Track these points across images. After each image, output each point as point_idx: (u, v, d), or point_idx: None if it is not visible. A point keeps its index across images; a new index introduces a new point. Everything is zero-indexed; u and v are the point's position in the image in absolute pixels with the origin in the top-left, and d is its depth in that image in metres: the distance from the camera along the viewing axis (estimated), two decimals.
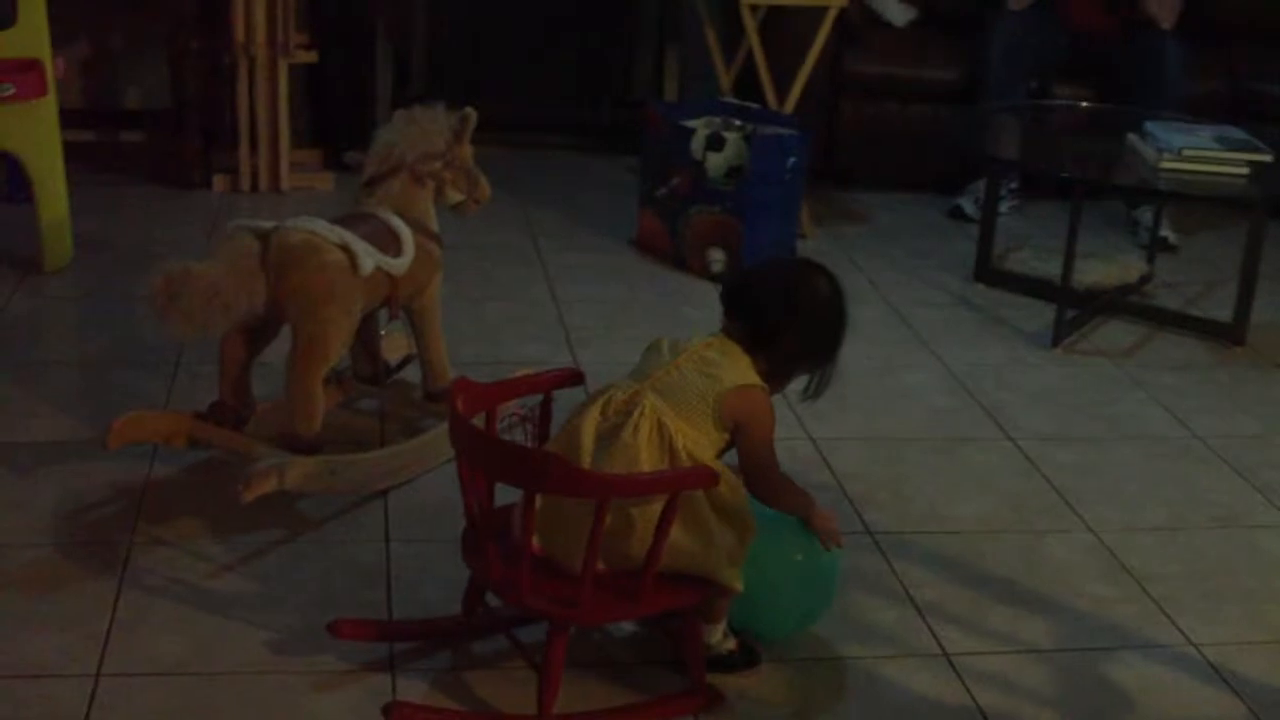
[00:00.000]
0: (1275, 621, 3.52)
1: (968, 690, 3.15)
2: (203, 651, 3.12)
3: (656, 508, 2.79)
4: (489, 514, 2.96)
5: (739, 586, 2.91)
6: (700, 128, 5.47)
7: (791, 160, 5.43)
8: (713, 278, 5.42)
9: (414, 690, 3.02)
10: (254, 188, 6.10)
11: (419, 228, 3.87)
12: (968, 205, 6.34)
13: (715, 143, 5.38)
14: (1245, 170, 5.08)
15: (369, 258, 3.67)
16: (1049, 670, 3.27)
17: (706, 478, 2.81)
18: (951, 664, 3.24)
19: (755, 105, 5.79)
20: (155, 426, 3.77)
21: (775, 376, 3.01)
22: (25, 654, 3.08)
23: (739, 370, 2.93)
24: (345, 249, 3.64)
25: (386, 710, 2.87)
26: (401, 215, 3.84)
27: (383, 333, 4.11)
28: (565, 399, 3.25)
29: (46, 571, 3.39)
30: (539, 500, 2.79)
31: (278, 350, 3.74)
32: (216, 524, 3.60)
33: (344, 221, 3.75)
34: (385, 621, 3.23)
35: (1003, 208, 6.20)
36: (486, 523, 2.94)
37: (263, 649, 3.14)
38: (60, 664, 3.05)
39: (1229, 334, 5.21)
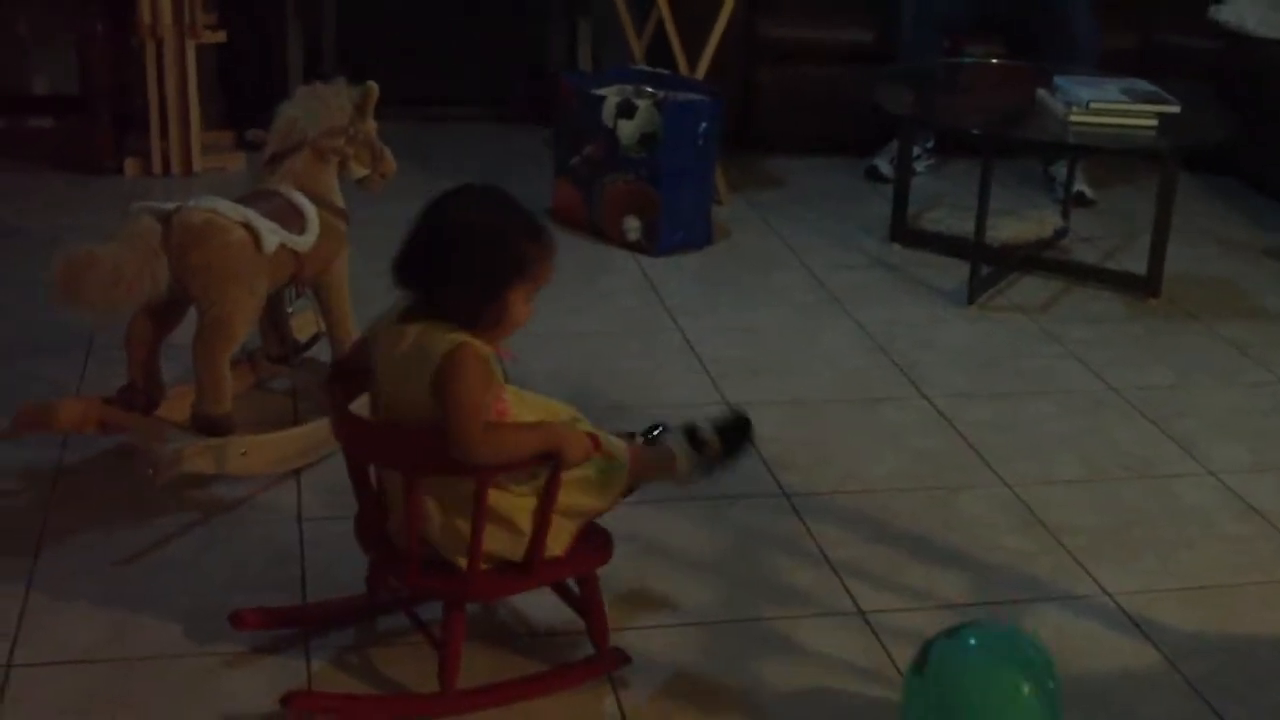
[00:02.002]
0: (1190, 569, 3.56)
1: (884, 647, 3.17)
2: (116, 637, 3.09)
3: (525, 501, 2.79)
4: (376, 498, 2.94)
5: (606, 503, 2.93)
6: (611, 96, 5.45)
7: (704, 126, 5.41)
8: (630, 246, 5.41)
9: (327, 668, 3.01)
10: (166, 171, 6.03)
11: (323, 203, 3.84)
12: (883, 166, 6.35)
13: (626, 110, 5.36)
14: (1154, 122, 5.10)
15: (272, 235, 3.64)
16: None
17: (582, 450, 2.78)
18: (867, 621, 3.26)
19: (667, 72, 5.77)
20: (64, 414, 3.72)
21: (471, 322, 2.73)
22: None
23: (436, 339, 2.72)
24: (248, 227, 3.61)
25: (285, 700, 2.85)
26: (305, 191, 3.81)
27: (290, 311, 4.08)
28: None
29: None
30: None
31: (188, 332, 3.70)
32: (129, 509, 3.57)
33: (247, 200, 3.71)
34: (286, 609, 3.20)
35: (918, 167, 6.22)
36: (374, 506, 2.92)
37: (177, 633, 3.12)
38: None
39: (1144, 286, 5.24)
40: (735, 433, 3.14)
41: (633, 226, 5.43)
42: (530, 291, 2.78)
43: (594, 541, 2.96)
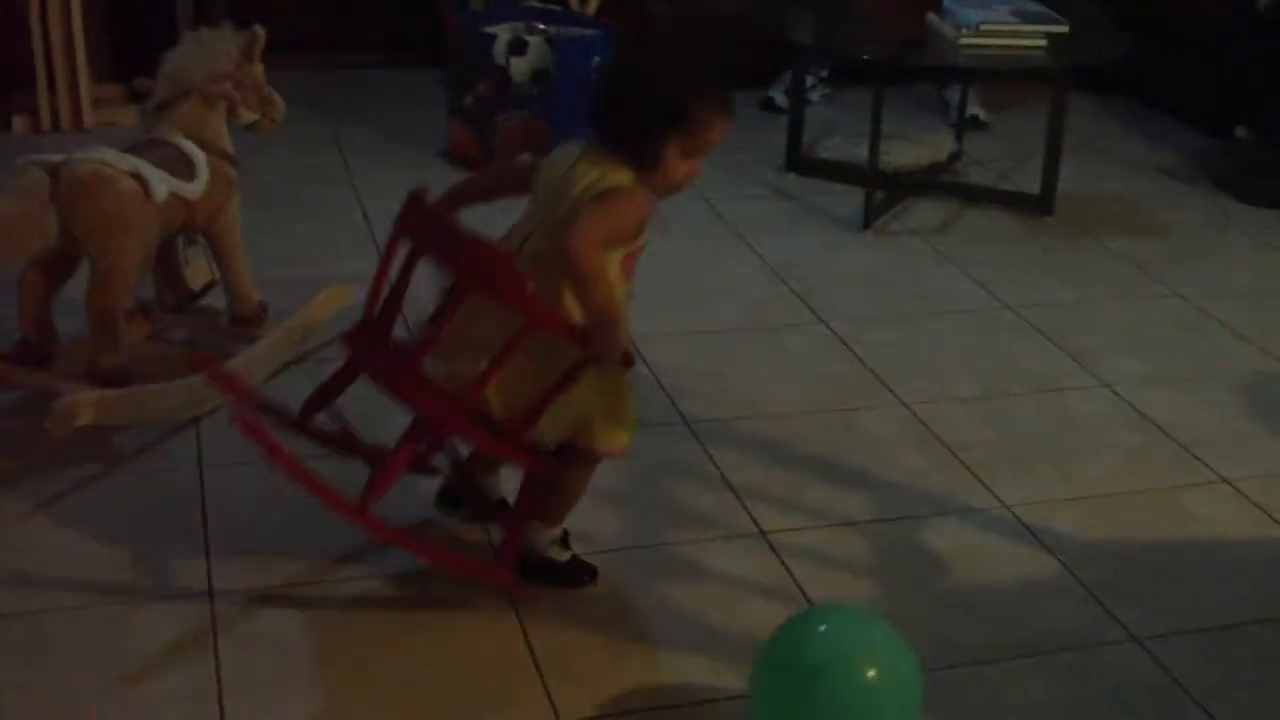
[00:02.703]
0: (1086, 480, 3.61)
1: (785, 566, 3.20)
2: (22, 591, 3.08)
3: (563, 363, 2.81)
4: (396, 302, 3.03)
5: (619, 445, 2.95)
6: (502, 33, 5.44)
7: (597, 61, 5.41)
8: None
9: (232, 610, 3.01)
10: (55, 126, 5.96)
11: (212, 150, 3.82)
12: (778, 96, 6.36)
13: (518, 48, 5.35)
14: (1043, 42, 5.15)
15: (162, 183, 3.62)
16: (866, 542, 3.33)
17: (622, 345, 2.79)
18: (769, 541, 3.29)
19: (558, 9, 5.76)
20: None
21: (631, 158, 2.82)
22: None
23: (609, 177, 2.81)
24: (137, 176, 3.58)
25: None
26: (193, 138, 3.79)
27: (182, 257, 4.06)
28: None
29: None
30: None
31: (80, 286, 3.67)
32: (29, 464, 3.54)
33: (136, 149, 3.69)
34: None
35: (814, 96, 6.24)
36: (394, 307, 3.02)
37: (83, 583, 3.10)
38: None
39: (1037, 205, 5.30)
40: (574, 568, 3.18)
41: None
42: (690, 150, 2.81)
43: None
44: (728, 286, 4.65)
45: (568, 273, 2.74)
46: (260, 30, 3.89)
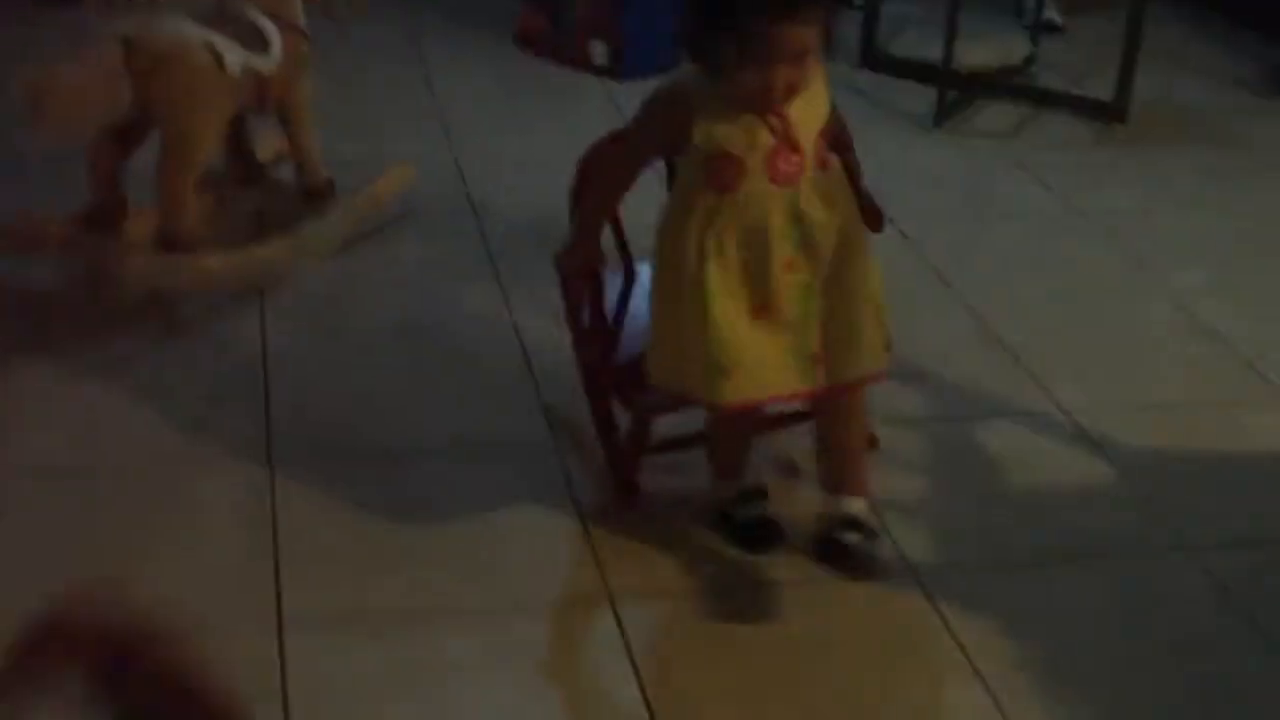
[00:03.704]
0: (1144, 389, 3.60)
1: None
2: (83, 450, 3.14)
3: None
4: None
5: (713, 396, 2.77)
6: None
7: None
8: (596, 70, 5.38)
9: (292, 478, 3.05)
10: None
11: (286, 25, 3.83)
12: None
13: None
14: None
15: (235, 56, 3.64)
16: (921, 440, 3.34)
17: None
18: None
19: None
20: (29, 232, 3.74)
21: (713, 74, 2.63)
22: None
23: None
24: (211, 49, 3.60)
25: None
26: (268, 13, 3.80)
27: (253, 130, 4.08)
28: None
29: None
30: None
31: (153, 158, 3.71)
32: (94, 327, 3.60)
33: (211, 21, 3.69)
34: None
35: None
36: None
37: (143, 445, 3.16)
38: None
39: (1111, 112, 5.24)
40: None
41: (600, 51, 5.40)
42: (752, 55, 2.55)
43: None
44: None
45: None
46: None
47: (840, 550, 2.89)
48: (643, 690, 2.57)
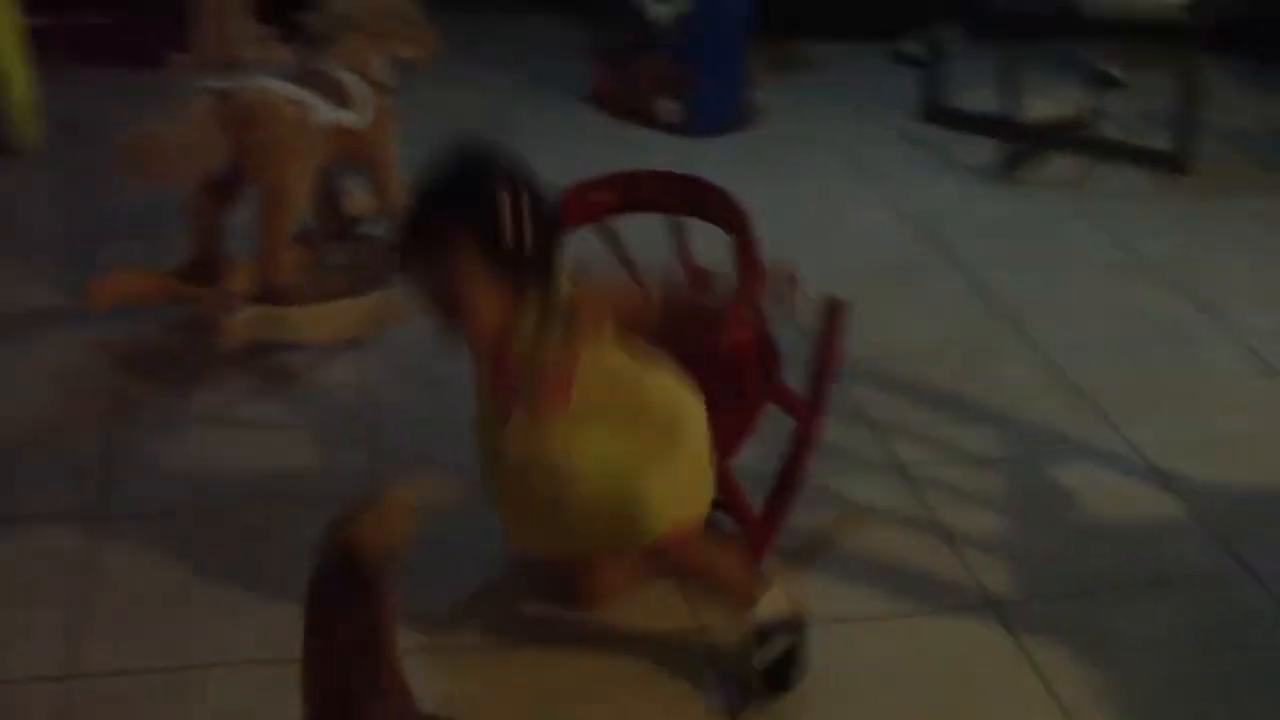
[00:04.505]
0: (1214, 426, 3.70)
1: (917, 496, 3.33)
2: (196, 490, 3.27)
3: None
4: None
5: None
6: None
7: (737, 7, 5.51)
8: (668, 128, 5.52)
9: None
10: (215, 63, 6.11)
11: (372, 82, 3.98)
12: (913, 48, 6.42)
13: None
14: (1180, 1, 5.18)
15: (324, 112, 3.79)
16: (998, 476, 3.44)
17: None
18: (904, 473, 3.41)
19: None
20: (135, 286, 3.90)
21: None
22: (28, 500, 3.26)
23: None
24: (300, 104, 3.75)
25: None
26: (354, 71, 3.94)
27: (344, 184, 4.23)
28: None
29: (46, 425, 3.55)
30: None
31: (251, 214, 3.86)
32: (199, 374, 3.75)
33: (299, 79, 3.85)
34: None
35: (950, 49, 6.28)
36: None
37: (251, 484, 3.29)
38: (64, 508, 3.21)
39: (1172, 163, 5.33)
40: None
41: (669, 109, 5.54)
42: None
43: None
44: (863, 231, 4.75)
45: None
46: None
47: (766, 674, 2.76)
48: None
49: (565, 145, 5.41)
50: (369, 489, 2.20)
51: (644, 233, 3.15)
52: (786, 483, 3.14)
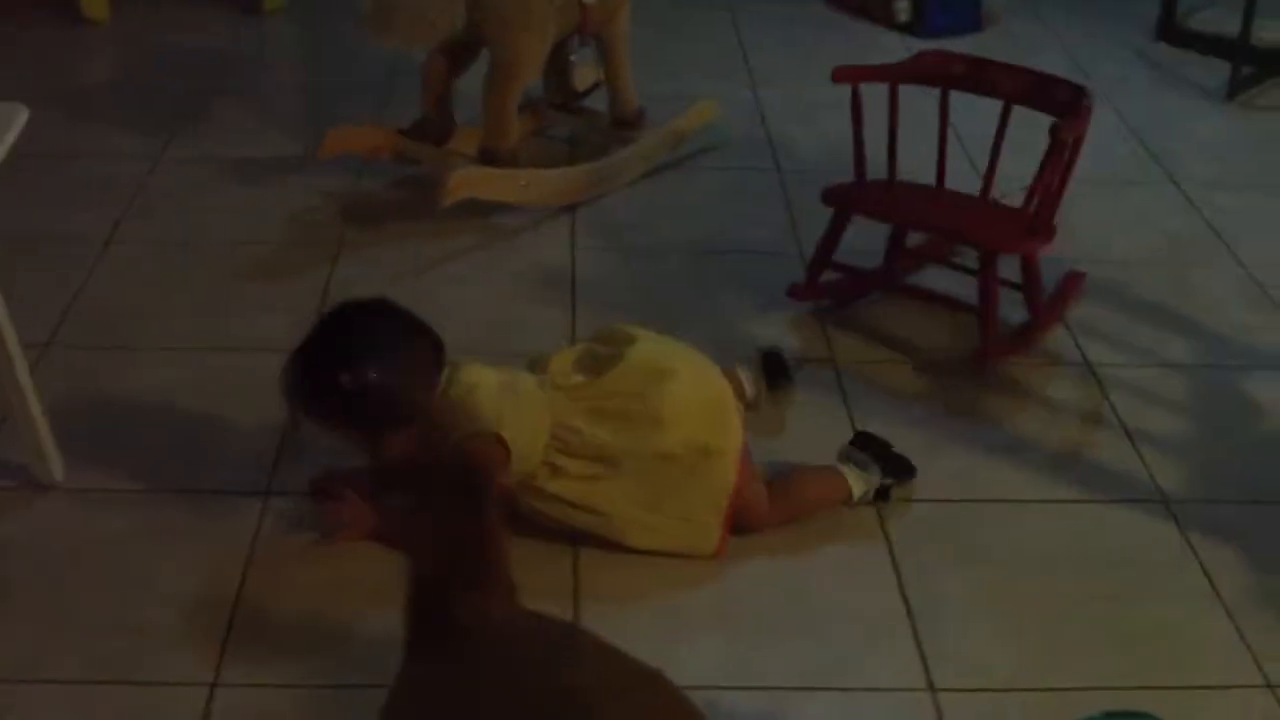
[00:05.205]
0: None
1: (1105, 395, 3.38)
2: None
3: None
4: None
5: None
6: None
7: None
8: (899, 26, 5.56)
9: None
10: None
11: None
12: None
13: None
14: None
15: None
16: (1186, 384, 3.48)
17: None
18: (1093, 372, 3.47)
19: None
20: (363, 139, 4.07)
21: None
22: (256, 331, 3.48)
23: None
24: None
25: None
26: None
27: (572, 58, 4.35)
28: None
29: (271, 264, 3.78)
30: None
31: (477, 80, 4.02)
32: (416, 229, 3.93)
33: None
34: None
35: None
36: None
37: (466, 336, 3.42)
38: (280, 341, 3.37)
39: None
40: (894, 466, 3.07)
41: (902, 7, 5.57)
42: None
43: None
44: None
45: None
46: None
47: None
48: (902, 589, 2.80)
49: (793, 34, 5.50)
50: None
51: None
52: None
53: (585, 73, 4.46)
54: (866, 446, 3.03)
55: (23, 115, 2.62)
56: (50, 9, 5.36)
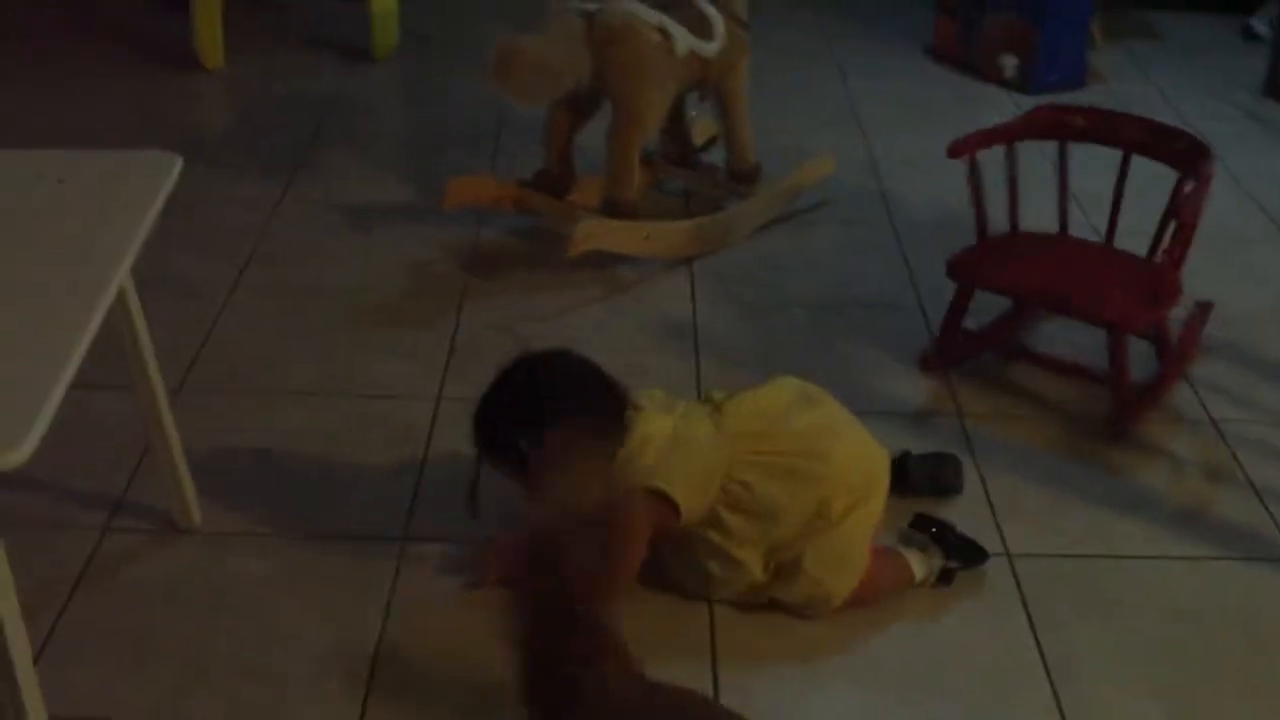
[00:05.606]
0: None
1: (1231, 451, 3.38)
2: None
3: None
4: None
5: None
6: None
7: None
8: (1005, 83, 5.58)
9: None
10: None
11: (729, 14, 4.13)
12: (1260, 25, 6.34)
13: None
14: None
15: (683, 39, 3.95)
16: None
17: None
18: (1217, 428, 3.47)
19: None
20: (485, 190, 4.14)
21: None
22: (379, 378, 3.52)
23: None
24: (662, 30, 3.92)
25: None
26: (714, 2, 4.10)
27: (692, 113, 4.40)
28: None
29: (394, 311, 3.83)
30: None
31: (597, 132, 4.06)
32: (539, 280, 3.98)
33: (661, 6, 4.02)
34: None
35: None
36: None
37: None
38: (408, 388, 3.46)
39: None
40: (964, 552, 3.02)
41: (1009, 64, 5.59)
42: None
43: None
44: None
45: None
46: None
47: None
48: (1038, 642, 2.79)
49: (901, 90, 5.52)
50: None
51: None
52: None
53: (702, 127, 4.50)
54: (925, 529, 3.00)
55: (177, 164, 2.66)
56: (168, 57, 5.47)
